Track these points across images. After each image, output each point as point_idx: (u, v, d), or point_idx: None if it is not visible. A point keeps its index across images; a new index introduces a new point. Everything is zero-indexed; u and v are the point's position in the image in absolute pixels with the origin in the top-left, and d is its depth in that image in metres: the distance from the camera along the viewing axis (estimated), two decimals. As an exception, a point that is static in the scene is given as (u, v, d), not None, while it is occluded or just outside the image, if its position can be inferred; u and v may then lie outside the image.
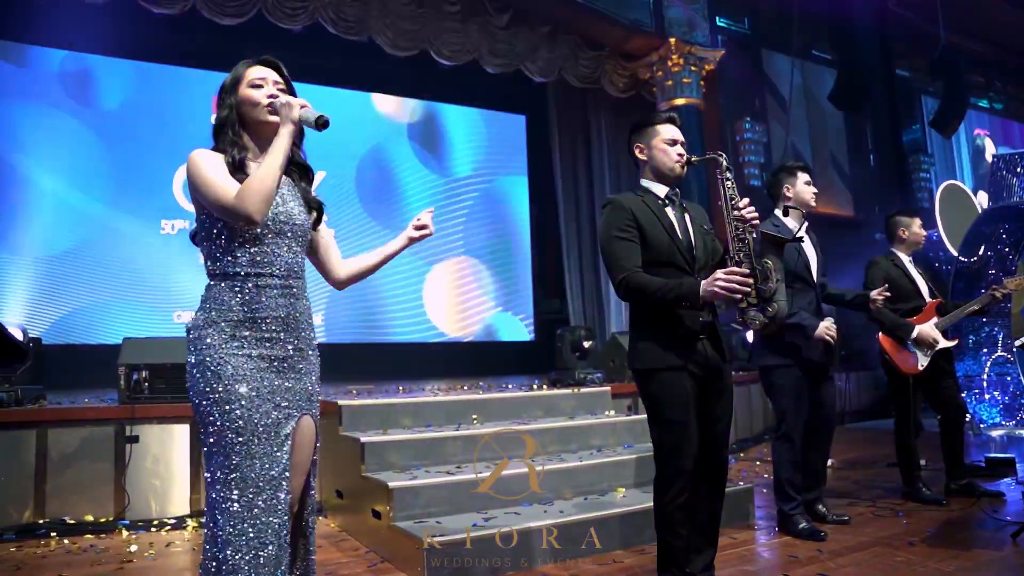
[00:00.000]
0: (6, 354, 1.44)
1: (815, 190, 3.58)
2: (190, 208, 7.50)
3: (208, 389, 1.71)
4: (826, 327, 3.39)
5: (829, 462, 5.20)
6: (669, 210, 2.48)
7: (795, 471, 3.43)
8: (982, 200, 8.13)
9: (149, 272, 7.39)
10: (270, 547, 1.68)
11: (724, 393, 2.46)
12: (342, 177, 8.40)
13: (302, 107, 1.78)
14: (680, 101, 8.28)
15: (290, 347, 1.81)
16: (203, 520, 3.84)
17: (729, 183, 2.42)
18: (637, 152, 2.56)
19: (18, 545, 3.48)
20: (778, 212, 3.61)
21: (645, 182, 2.55)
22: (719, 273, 2.22)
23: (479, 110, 9.46)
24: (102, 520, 3.83)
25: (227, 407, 1.70)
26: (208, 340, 1.74)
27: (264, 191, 1.69)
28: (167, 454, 4.05)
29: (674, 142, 2.49)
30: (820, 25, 9.95)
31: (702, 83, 8.49)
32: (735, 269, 2.23)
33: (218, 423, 1.70)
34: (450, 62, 7.81)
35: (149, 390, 4.04)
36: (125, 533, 3.70)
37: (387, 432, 3.83)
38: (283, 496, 1.72)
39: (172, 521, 3.90)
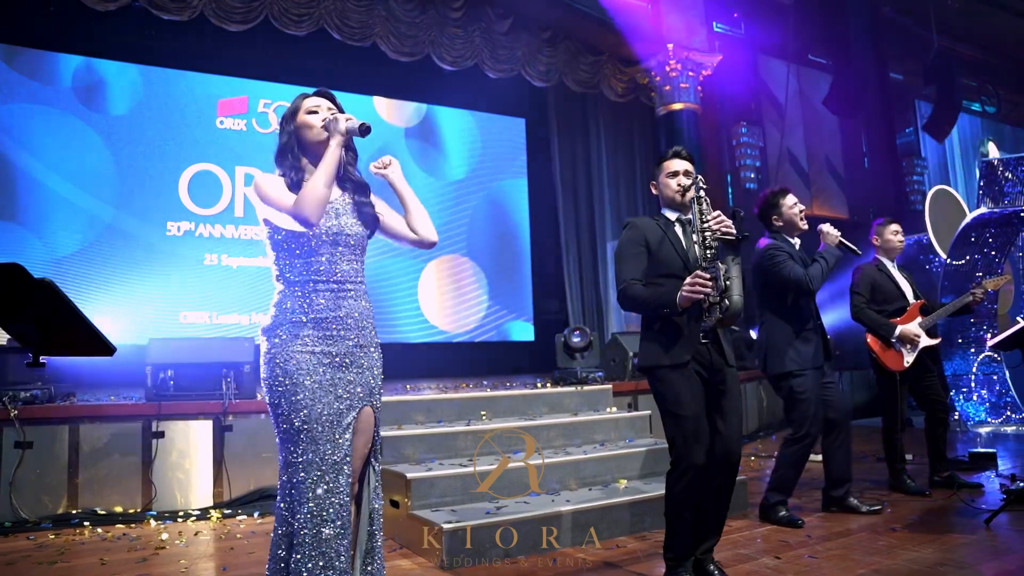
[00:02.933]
0: (97, 350, 1.66)
1: (801, 207, 3.74)
2: (196, 210, 7.76)
3: (276, 382, 1.95)
4: None
5: (820, 457, 5.45)
6: (678, 230, 2.77)
7: (796, 473, 3.64)
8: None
9: (155, 273, 7.56)
10: (331, 524, 1.88)
11: (728, 394, 2.67)
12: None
13: (347, 120, 2.04)
14: (678, 106, 8.48)
15: (350, 343, 2.03)
16: (226, 512, 4.07)
17: (703, 199, 2.64)
18: (652, 188, 2.91)
19: (56, 533, 3.69)
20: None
21: (662, 209, 2.87)
22: (687, 280, 2.50)
23: (479, 113, 9.64)
24: (131, 511, 4.05)
25: (293, 397, 1.93)
26: (276, 339, 1.98)
27: (317, 195, 1.93)
28: (191, 449, 4.26)
29: (675, 174, 2.78)
30: (815, 30, 10.16)
31: (699, 88, 8.67)
32: (698, 273, 2.48)
33: (286, 412, 1.93)
34: (452, 67, 7.99)
35: (174, 388, 4.24)
36: (154, 523, 3.92)
37: (402, 427, 4.05)
38: (344, 480, 1.93)
39: (196, 512, 4.11)
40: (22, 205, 7.05)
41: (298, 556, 1.86)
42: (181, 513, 4.09)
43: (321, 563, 1.86)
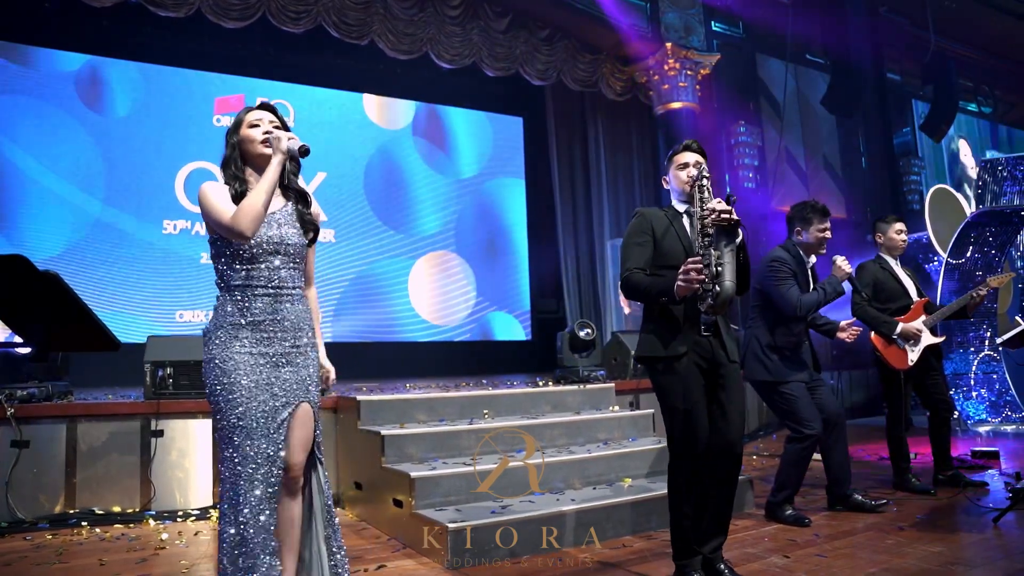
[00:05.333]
0: (102, 345, 1.62)
1: (828, 236, 3.75)
2: (192, 209, 7.69)
3: (216, 382, 2.06)
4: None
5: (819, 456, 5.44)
6: (685, 222, 2.75)
7: (799, 471, 3.62)
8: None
9: (152, 272, 7.51)
10: (267, 510, 2.03)
11: (729, 388, 2.65)
12: (348, 178, 8.55)
13: (289, 139, 2.14)
14: (676, 105, 8.47)
15: (287, 344, 2.15)
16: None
17: (704, 187, 2.60)
18: (663, 183, 2.88)
19: (53, 533, 3.64)
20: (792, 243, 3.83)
21: (673, 201, 2.85)
22: (681, 267, 2.47)
23: (477, 112, 9.61)
24: (129, 511, 3.99)
25: (230, 396, 2.04)
26: (216, 341, 2.10)
27: (253, 212, 2.02)
28: (190, 448, 4.21)
29: (685, 165, 2.76)
30: (813, 30, 10.17)
31: (697, 87, 8.66)
32: (690, 260, 2.46)
33: (224, 409, 2.04)
34: (450, 65, 7.95)
35: (173, 386, 4.20)
36: (152, 523, 3.87)
37: (404, 426, 4.01)
38: (276, 471, 2.06)
39: (196, 512, 4.07)
40: (15, 201, 6.98)
41: (232, 544, 2.00)
42: (181, 513, 4.04)
43: (246, 550, 1.99)
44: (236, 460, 2.01)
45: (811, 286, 3.70)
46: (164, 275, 7.55)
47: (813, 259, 3.80)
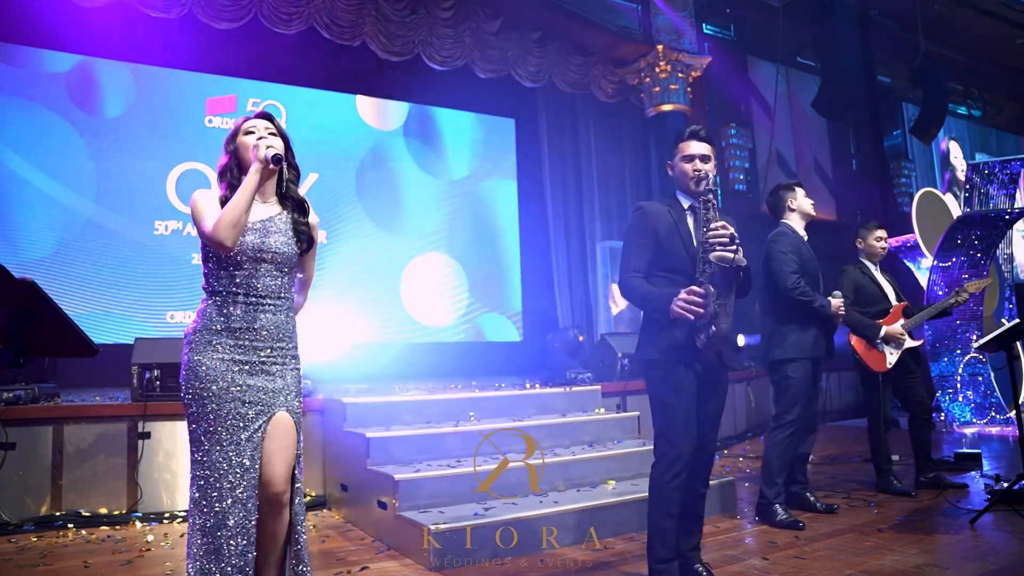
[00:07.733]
0: (80, 350, 1.64)
1: (812, 201, 3.96)
2: (184, 209, 7.69)
3: (188, 386, 2.06)
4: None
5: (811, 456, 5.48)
6: (690, 221, 2.64)
7: (785, 461, 3.67)
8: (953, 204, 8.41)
9: (142, 272, 7.50)
10: (233, 518, 1.98)
11: (717, 394, 2.67)
12: (340, 179, 8.56)
13: (267, 147, 2.13)
14: (667, 107, 8.51)
15: (263, 354, 2.12)
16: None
17: (710, 203, 2.50)
18: (668, 169, 2.77)
19: (39, 535, 3.65)
20: (786, 221, 3.92)
21: (677, 193, 2.73)
22: (682, 293, 2.41)
23: (469, 113, 9.62)
24: (116, 513, 4.01)
25: (202, 401, 2.04)
26: (192, 345, 2.09)
27: (231, 221, 2.02)
28: (177, 450, 4.22)
29: (691, 158, 2.63)
30: (804, 33, 10.22)
31: (689, 89, 8.70)
32: (695, 289, 2.39)
33: (196, 414, 2.04)
34: (442, 67, 7.98)
35: (160, 388, 4.20)
36: (139, 525, 3.88)
37: (390, 428, 4.03)
38: (247, 481, 2.01)
39: (183, 514, 4.08)
40: (4, 202, 6.96)
41: (199, 551, 1.97)
42: (167, 514, 4.05)
43: (213, 558, 1.97)
44: (205, 464, 2.00)
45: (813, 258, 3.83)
46: (155, 276, 7.53)
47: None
